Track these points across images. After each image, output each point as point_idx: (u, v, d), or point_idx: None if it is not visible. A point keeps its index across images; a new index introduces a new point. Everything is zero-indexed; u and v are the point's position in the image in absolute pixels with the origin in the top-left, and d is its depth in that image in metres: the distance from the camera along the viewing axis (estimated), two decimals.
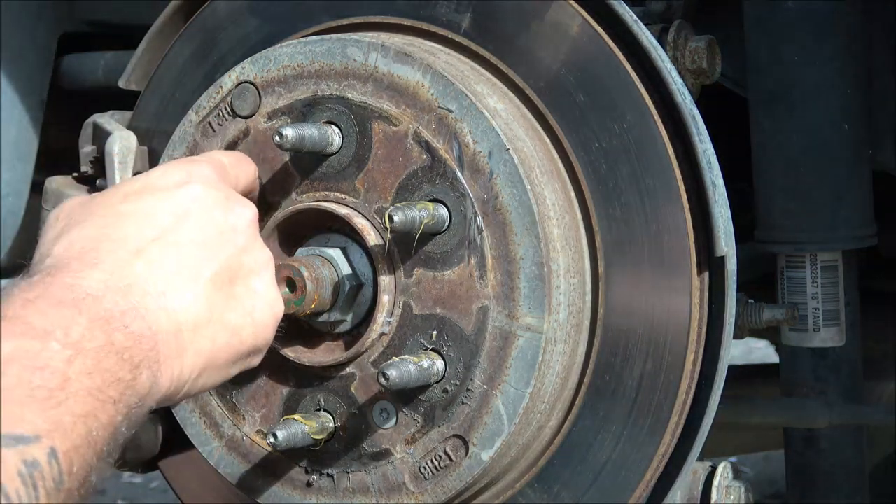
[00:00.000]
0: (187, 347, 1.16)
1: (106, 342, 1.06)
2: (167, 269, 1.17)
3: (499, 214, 1.31)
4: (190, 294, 1.18)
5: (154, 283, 1.15)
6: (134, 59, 1.58)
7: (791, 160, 1.82)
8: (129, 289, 1.13)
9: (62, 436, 0.98)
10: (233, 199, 1.27)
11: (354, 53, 1.37)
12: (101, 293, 1.10)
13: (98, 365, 1.04)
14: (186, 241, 1.20)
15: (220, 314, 1.21)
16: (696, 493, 1.41)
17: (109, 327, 1.07)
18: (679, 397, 1.34)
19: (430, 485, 1.34)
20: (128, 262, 1.15)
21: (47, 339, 1.02)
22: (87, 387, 1.02)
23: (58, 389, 1.00)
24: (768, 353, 3.93)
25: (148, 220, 1.19)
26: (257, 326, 1.25)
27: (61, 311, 1.06)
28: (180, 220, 1.21)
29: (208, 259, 1.21)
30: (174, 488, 1.60)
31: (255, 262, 1.26)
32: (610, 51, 1.35)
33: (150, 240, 1.18)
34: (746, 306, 1.56)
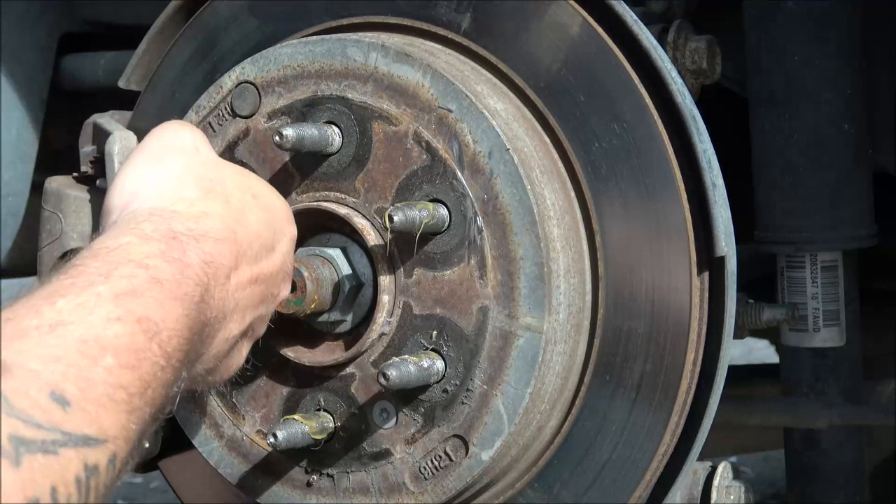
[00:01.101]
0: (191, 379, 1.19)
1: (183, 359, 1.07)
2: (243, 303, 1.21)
3: (499, 214, 1.31)
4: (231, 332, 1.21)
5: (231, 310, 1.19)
6: (134, 59, 1.58)
7: (791, 160, 1.82)
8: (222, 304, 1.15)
9: (125, 442, 0.97)
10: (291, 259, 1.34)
11: (354, 53, 1.37)
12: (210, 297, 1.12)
13: (172, 381, 1.05)
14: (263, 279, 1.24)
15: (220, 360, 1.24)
16: (696, 493, 1.41)
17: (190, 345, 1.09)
18: (679, 397, 1.34)
19: (430, 485, 1.34)
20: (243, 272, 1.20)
21: (152, 341, 1.02)
22: (156, 399, 1.02)
23: (136, 396, 0.99)
24: (768, 353, 3.93)
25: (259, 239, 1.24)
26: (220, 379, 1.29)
27: (177, 310, 1.07)
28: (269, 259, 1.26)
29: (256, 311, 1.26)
30: (174, 488, 1.60)
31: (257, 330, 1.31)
32: (610, 51, 1.35)
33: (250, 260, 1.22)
34: (746, 306, 1.56)
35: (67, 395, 0.93)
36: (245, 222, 1.22)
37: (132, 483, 4.34)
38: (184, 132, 1.28)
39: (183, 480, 1.58)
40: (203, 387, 1.30)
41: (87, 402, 0.94)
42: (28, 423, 0.89)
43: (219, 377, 1.27)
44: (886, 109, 1.87)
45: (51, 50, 2.20)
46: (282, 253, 1.28)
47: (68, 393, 0.93)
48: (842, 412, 1.87)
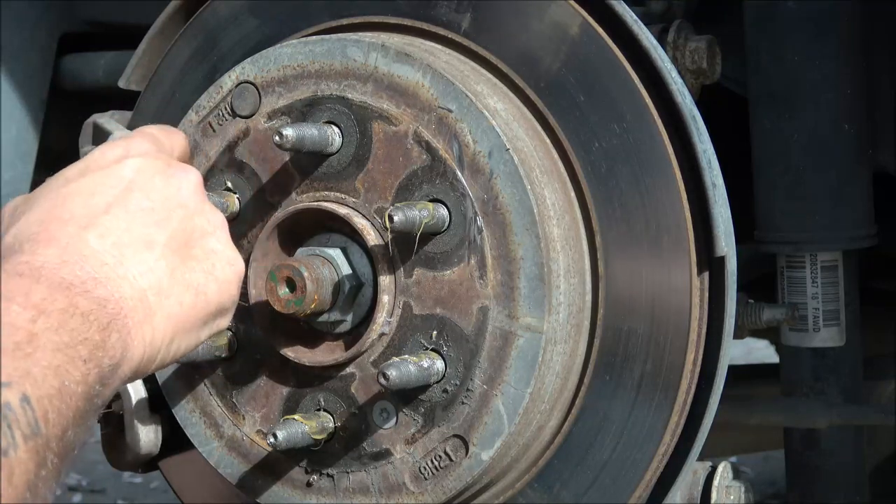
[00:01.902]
0: (155, 312, 1.16)
1: (69, 304, 1.05)
2: (121, 239, 1.16)
3: (499, 214, 1.31)
4: (147, 260, 1.17)
5: (110, 254, 1.14)
6: (134, 59, 1.58)
7: (791, 160, 1.82)
8: (86, 260, 1.12)
9: (33, 384, 0.97)
10: (174, 166, 1.27)
11: (354, 53, 1.37)
12: (58, 266, 1.09)
13: (64, 324, 1.04)
14: (135, 209, 1.19)
15: (182, 276, 1.20)
16: (696, 493, 1.41)
17: (70, 292, 1.07)
18: (679, 397, 1.34)
19: (430, 485, 1.34)
20: (80, 236, 1.14)
21: (8, 304, 1.01)
22: (55, 341, 1.01)
23: (25, 343, 0.99)
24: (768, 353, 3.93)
25: (93, 196, 1.19)
26: (220, 283, 1.24)
27: (19, 281, 1.05)
28: (125, 191, 1.20)
29: (160, 224, 1.20)
30: (174, 488, 1.60)
31: (209, 223, 1.26)
32: (610, 51, 1.35)
33: (98, 213, 1.17)
34: (746, 306, 1.56)
35: None
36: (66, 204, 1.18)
37: (132, 483, 4.35)
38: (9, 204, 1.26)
39: (183, 480, 1.58)
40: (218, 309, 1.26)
41: None
42: None
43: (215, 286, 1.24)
44: (886, 109, 1.87)
45: (51, 50, 2.20)
46: (134, 171, 1.22)
47: None
48: (842, 412, 1.87)
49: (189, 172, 1.27)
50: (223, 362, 1.44)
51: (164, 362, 1.19)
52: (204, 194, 1.28)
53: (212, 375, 1.45)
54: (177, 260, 1.20)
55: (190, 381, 1.45)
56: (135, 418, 1.49)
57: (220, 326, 1.27)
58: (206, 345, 1.41)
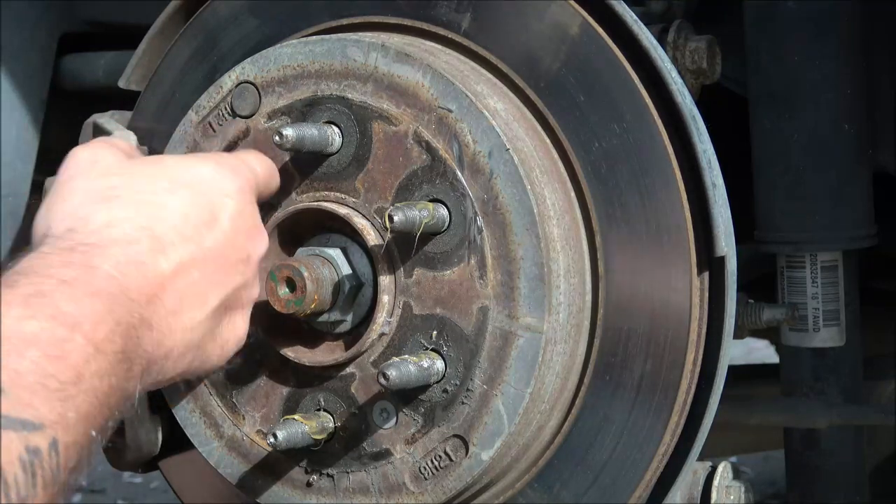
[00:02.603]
0: (169, 368, 1.19)
1: (122, 349, 1.07)
2: (186, 289, 1.19)
3: (499, 214, 1.31)
4: (194, 320, 1.20)
5: (172, 300, 1.17)
6: (134, 59, 1.58)
7: (791, 160, 1.82)
8: (155, 300, 1.14)
9: (65, 430, 0.97)
10: (258, 230, 1.30)
11: (354, 53, 1.37)
12: (134, 297, 1.11)
13: (110, 370, 1.05)
14: (211, 260, 1.22)
15: (204, 343, 1.24)
16: (696, 493, 1.41)
17: (128, 335, 1.08)
18: (679, 397, 1.34)
19: (430, 485, 1.34)
20: (161, 269, 1.16)
21: (74, 332, 1.02)
22: (95, 388, 1.02)
23: (70, 384, 0.99)
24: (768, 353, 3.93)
25: (188, 224, 1.20)
26: (221, 357, 1.29)
27: (94, 304, 1.06)
28: (214, 237, 1.23)
29: (220, 286, 1.23)
30: (174, 488, 1.60)
31: (248, 298, 1.29)
32: (610, 51, 1.35)
33: (182, 241, 1.19)
34: (746, 306, 1.56)
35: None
36: (163, 213, 1.20)
37: (132, 483, 4.34)
38: (79, 153, 1.27)
39: (183, 480, 1.58)
40: (201, 374, 1.30)
41: (20, 389, 0.94)
42: None
43: (210, 364, 1.27)
44: (886, 109, 1.87)
45: (51, 50, 2.20)
46: (229, 218, 1.25)
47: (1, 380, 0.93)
48: (842, 412, 1.87)
49: (263, 240, 1.30)
50: None
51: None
52: (257, 264, 1.31)
53: (212, 375, 1.45)
54: (210, 327, 1.24)
55: (190, 382, 1.45)
56: (135, 418, 1.49)
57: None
58: None
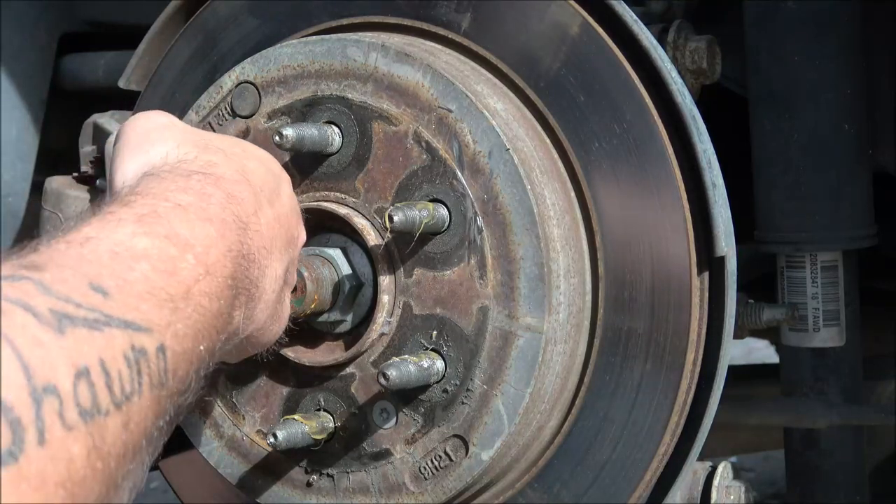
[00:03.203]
0: (258, 316, 1.19)
1: (231, 274, 1.08)
2: (274, 242, 1.20)
3: (499, 214, 1.31)
4: (277, 271, 1.21)
5: (268, 241, 1.18)
6: (134, 59, 1.58)
7: (791, 160, 1.82)
8: (258, 235, 1.15)
9: (174, 338, 0.96)
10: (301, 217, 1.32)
11: (354, 53, 1.37)
12: (242, 228, 1.12)
13: (219, 293, 1.05)
14: (283, 223, 1.23)
15: (275, 308, 1.23)
16: (696, 493, 1.41)
17: (237, 263, 1.09)
18: (679, 397, 1.34)
19: (430, 485, 1.34)
20: (266, 212, 1.19)
21: (186, 251, 1.02)
22: (206, 307, 1.02)
23: (180, 298, 0.99)
24: (768, 353, 3.93)
25: (266, 184, 1.23)
26: (276, 331, 1.28)
27: (207, 228, 1.06)
28: (281, 202, 1.24)
29: (286, 252, 1.24)
30: (174, 488, 1.60)
31: (292, 278, 1.30)
32: (610, 51, 1.35)
33: (265, 198, 1.21)
34: (746, 306, 1.56)
35: (106, 287, 0.92)
36: (249, 169, 1.22)
37: None
38: (155, 114, 1.28)
39: (183, 480, 1.58)
40: (257, 349, 1.29)
41: (128, 295, 0.93)
42: (68, 302, 0.87)
43: (271, 333, 1.27)
44: (886, 109, 1.87)
45: (51, 50, 2.20)
46: (287, 195, 1.28)
47: (106, 285, 0.92)
48: (842, 412, 1.87)
49: (303, 230, 1.32)
50: (223, 362, 1.44)
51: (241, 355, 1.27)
52: None
53: (212, 375, 1.45)
54: (280, 290, 1.24)
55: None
56: None
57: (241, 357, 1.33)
58: None
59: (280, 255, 1.22)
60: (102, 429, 0.86)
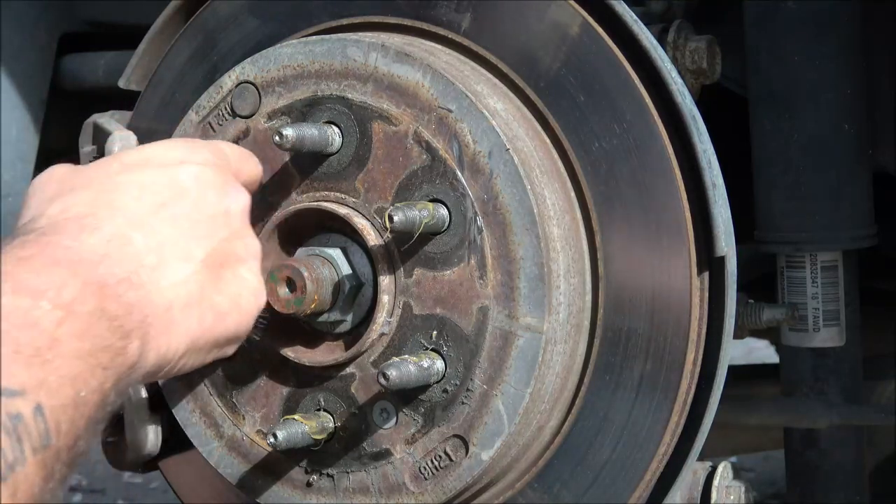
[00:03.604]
0: (177, 325, 1.16)
1: (97, 307, 1.05)
2: (163, 245, 1.16)
3: (499, 214, 1.31)
4: (183, 272, 1.18)
5: (149, 256, 1.14)
6: (134, 59, 1.58)
7: (791, 160, 1.82)
8: (126, 258, 1.12)
9: (48, 393, 0.95)
10: (230, 184, 1.27)
11: (354, 53, 1.37)
12: (98, 259, 1.09)
13: (89, 329, 1.03)
14: (183, 217, 1.20)
15: (210, 296, 1.21)
16: (696, 493, 1.41)
17: (102, 293, 1.06)
18: (679, 397, 1.34)
19: (430, 485, 1.34)
20: (126, 231, 1.14)
21: (38, 298, 1.00)
22: (77, 349, 1.00)
23: (46, 349, 0.98)
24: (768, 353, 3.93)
25: (146, 192, 1.19)
26: (241, 314, 1.25)
27: (55, 270, 1.04)
28: (178, 197, 1.21)
29: (202, 238, 1.21)
30: (174, 488, 1.60)
31: (246, 250, 1.27)
32: (610, 51, 1.35)
33: (147, 212, 1.17)
34: (746, 306, 1.56)
35: None
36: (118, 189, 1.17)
37: (132, 483, 4.35)
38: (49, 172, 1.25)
39: (183, 480, 1.58)
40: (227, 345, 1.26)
41: None
42: None
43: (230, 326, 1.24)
44: (886, 109, 1.87)
45: (51, 50, 2.20)
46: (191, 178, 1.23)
47: None
48: (842, 412, 1.87)
49: (241, 194, 1.28)
50: (223, 362, 1.44)
51: (168, 374, 1.20)
52: (248, 219, 1.28)
53: (212, 375, 1.45)
54: (209, 279, 1.21)
55: (190, 381, 1.45)
56: (135, 418, 1.49)
57: (226, 353, 1.29)
58: None
59: (189, 249, 1.18)
60: None
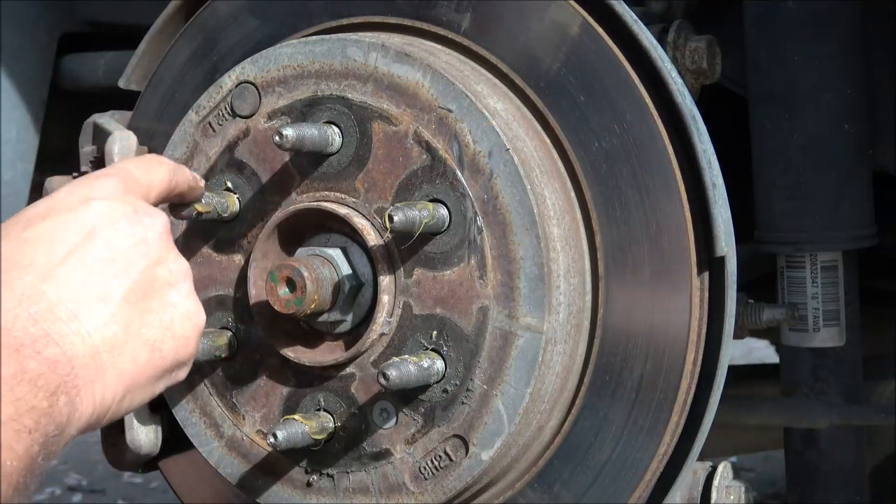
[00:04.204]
0: (107, 369, 1.14)
1: (18, 370, 1.03)
2: (77, 292, 1.14)
3: (499, 214, 1.31)
4: (103, 315, 1.15)
5: (65, 307, 1.12)
6: (134, 59, 1.58)
7: (791, 160, 1.82)
8: (40, 315, 1.10)
9: None
10: (141, 211, 1.24)
11: (354, 53, 1.37)
12: (11, 322, 1.07)
13: (10, 393, 1.01)
14: (94, 259, 1.17)
15: (137, 331, 1.18)
16: (696, 493, 1.41)
17: (20, 355, 1.05)
18: (679, 397, 1.34)
19: (430, 485, 1.34)
20: (35, 287, 1.12)
21: None
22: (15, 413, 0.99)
23: None
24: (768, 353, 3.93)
25: (53, 243, 1.16)
26: (178, 340, 1.22)
27: None
28: (86, 239, 1.18)
29: (119, 276, 1.18)
30: (174, 488, 1.60)
31: (171, 274, 1.24)
32: (610, 51, 1.35)
33: (56, 263, 1.14)
34: (746, 306, 1.56)
35: None
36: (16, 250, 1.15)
37: (132, 483, 4.35)
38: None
39: (183, 480, 1.58)
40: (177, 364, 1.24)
41: None
42: None
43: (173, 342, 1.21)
44: (886, 109, 1.88)
45: (51, 50, 2.20)
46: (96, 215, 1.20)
47: None
48: (842, 412, 1.87)
49: (155, 218, 1.24)
50: (223, 362, 1.44)
51: (114, 417, 1.17)
52: (170, 241, 1.25)
53: (212, 375, 1.45)
54: (134, 314, 1.18)
55: (190, 381, 1.45)
56: (135, 418, 1.49)
57: (177, 379, 1.26)
58: (206, 345, 1.41)
59: (106, 290, 1.16)
60: None
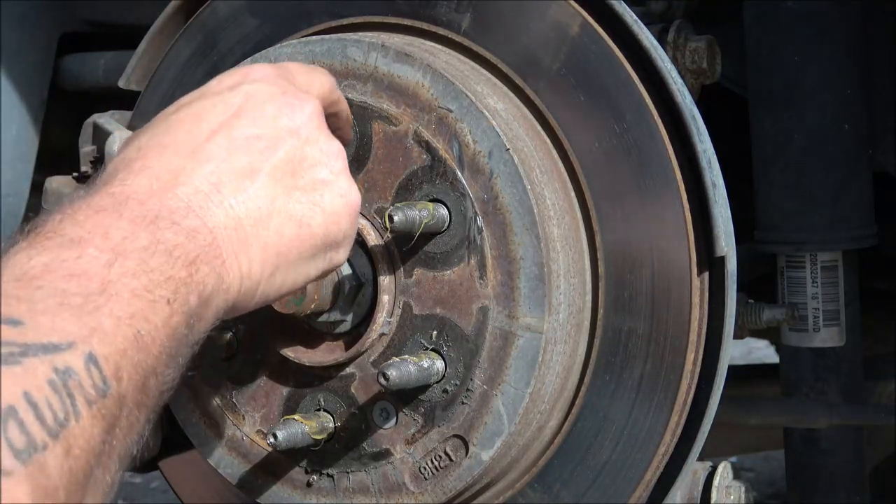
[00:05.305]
0: (251, 242, 1.11)
1: (151, 241, 1.01)
2: (220, 165, 1.11)
3: (499, 214, 1.31)
4: (247, 188, 1.12)
5: (206, 181, 1.10)
6: (134, 59, 1.59)
7: (791, 160, 1.82)
8: (179, 188, 1.07)
9: (102, 340, 0.92)
10: (290, 93, 1.21)
11: (354, 53, 1.37)
12: (146, 196, 1.05)
13: (143, 265, 0.99)
14: (240, 136, 1.14)
15: (284, 206, 1.15)
16: (696, 493, 1.41)
17: (155, 227, 1.02)
18: (679, 397, 1.35)
19: (430, 485, 1.34)
20: (176, 163, 1.10)
21: (84, 247, 0.97)
22: (132, 287, 0.97)
23: (96, 294, 0.94)
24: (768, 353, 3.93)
25: (199, 123, 1.14)
26: (328, 216, 1.18)
27: (99, 217, 1.01)
28: (233, 118, 1.15)
29: (264, 153, 1.15)
30: (174, 488, 1.60)
31: (321, 153, 1.20)
32: (610, 51, 1.35)
33: (200, 141, 1.12)
34: (746, 306, 1.56)
35: (17, 316, 0.89)
36: (164, 130, 1.14)
37: (132, 483, 4.35)
38: None
39: (183, 480, 1.58)
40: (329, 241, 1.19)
41: (41, 315, 0.90)
42: None
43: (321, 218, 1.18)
44: (886, 110, 1.88)
45: (51, 50, 2.20)
46: (243, 95, 1.18)
47: (17, 314, 0.89)
48: (842, 412, 1.87)
49: (305, 102, 1.21)
50: (223, 362, 1.44)
51: (267, 296, 1.14)
52: (322, 123, 1.22)
53: (212, 375, 1.45)
54: (280, 189, 1.15)
55: (190, 381, 1.45)
56: None
57: (333, 261, 1.22)
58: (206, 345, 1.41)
59: (251, 165, 1.13)
60: (43, 465, 0.83)
